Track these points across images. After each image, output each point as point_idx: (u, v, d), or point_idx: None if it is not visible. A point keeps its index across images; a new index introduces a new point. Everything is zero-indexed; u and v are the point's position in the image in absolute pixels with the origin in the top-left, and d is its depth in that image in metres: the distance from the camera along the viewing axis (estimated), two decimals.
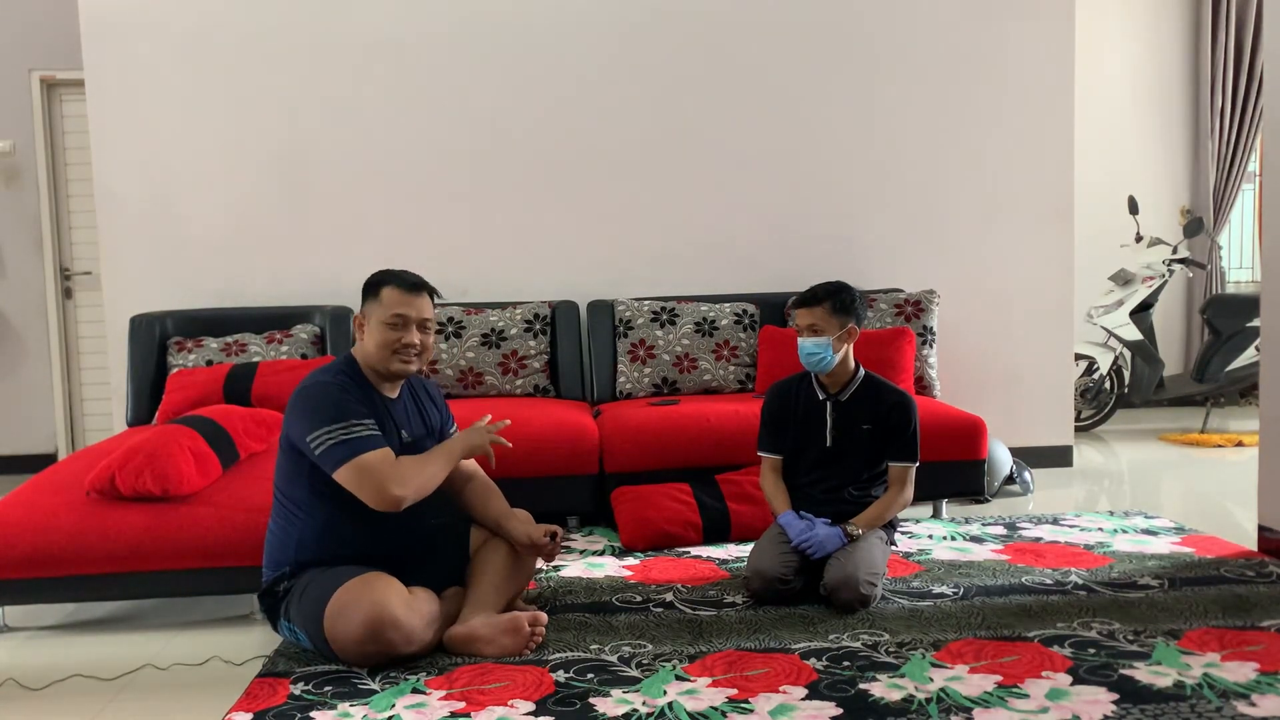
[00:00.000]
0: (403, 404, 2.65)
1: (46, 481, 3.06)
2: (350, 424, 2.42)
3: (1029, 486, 4.29)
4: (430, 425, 2.73)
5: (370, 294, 2.59)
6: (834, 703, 2.19)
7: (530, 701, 2.23)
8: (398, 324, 2.55)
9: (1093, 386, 5.79)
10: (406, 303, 2.56)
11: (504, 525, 2.70)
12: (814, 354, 2.97)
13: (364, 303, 2.60)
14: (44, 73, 5.37)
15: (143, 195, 4.53)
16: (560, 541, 2.74)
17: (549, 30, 4.61)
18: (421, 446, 2.65)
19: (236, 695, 2.34)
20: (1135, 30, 6.52)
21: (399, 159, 4.60)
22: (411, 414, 2.67)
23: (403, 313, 2.55)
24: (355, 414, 2.44)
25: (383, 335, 2.54)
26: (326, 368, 2.59)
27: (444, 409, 2.82)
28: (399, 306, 2.55)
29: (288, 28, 4.54)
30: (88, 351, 5.53)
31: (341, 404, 2.45)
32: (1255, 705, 2.13)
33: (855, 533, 2.89)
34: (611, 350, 4.44)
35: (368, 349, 2.57)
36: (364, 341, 2.58)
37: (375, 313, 2.56)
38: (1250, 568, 3.11)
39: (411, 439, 2.62)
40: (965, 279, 4.74)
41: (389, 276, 2.60)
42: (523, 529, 2.69)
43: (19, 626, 2.93)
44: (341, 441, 2.41)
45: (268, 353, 4.15)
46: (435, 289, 2.65)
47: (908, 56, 4.70)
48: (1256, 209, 6.60)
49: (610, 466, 3.75)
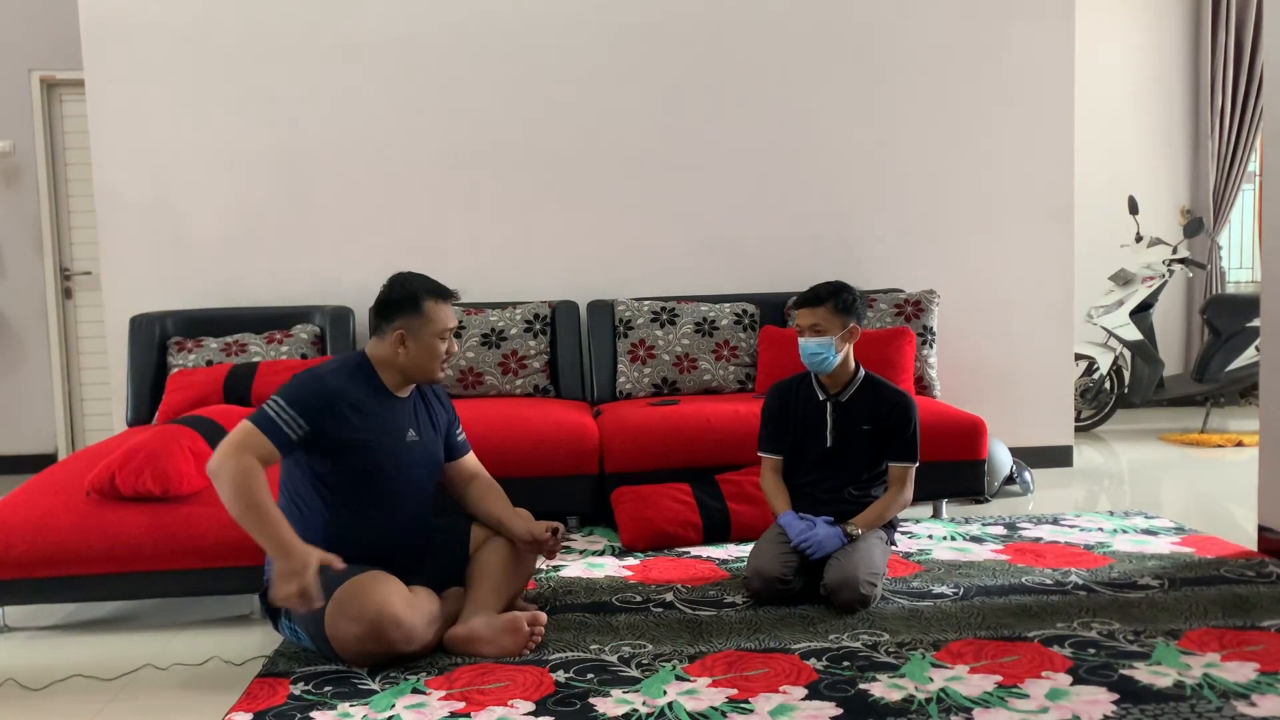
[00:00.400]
0: (412, 404, 2.66)
1: (46, 481, 3.06)
2: (292, 414, 2.40)
3: (1029, 486, 4.29)
4: (438, 426, 2.73)
5: (409, 308, 2.54)
6: (834, 703, 2.19)
7: (530, 701, 2.23)
8: (448, 337, 2.59)
9: (1093, 386, 5.79)
10: (450, 315, 2.60)
11: (505, 523, 2.70)
12: (816, 354, 2.97)
13: (398, 315, 2.54)
14: (44, 73, 5.37)
15: (143, 195, 4.53)
16: (561, 538, 2.74)
17: (549, 30, 4.61)
18: (430, 446, 2.67)
19: (236, 695, 2.34)
20: (1135, 30, 6.52)
21: (399, 159, 4.60)
22: (420, 414, 2.67)
23: (452, 326, 2.60)
24: (304, 413, 2.41)
25: (436, 348, 2.56)
26: (338, 367, 2.57)
27: (451, 411, 2.82)
28: (449, 321, 2.59)
29: (287, 28, 4.54)
30: (88, 351, 5.53)
31: (309, 401, 2.43)
32: (1255, 705, 2.13)
33: (855, 533, 2.89)
34: (611, 350, 4.44)
35: (416, 362, 2.56)
36: (405, 353, 2.54)
37: (422, 327, 2.54)
38: (1250, 568, 3.11)
39: (418, 438, 2.63)
40: (965, 279, 4.74)
41: (425, 288, 2.58)
42: (524, 525, 2.69)
43: (19, 626, 2.93)
44: (268, 415, 2.39)
45: (268, 353, 4.15)
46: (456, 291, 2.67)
47: (908, 57, 4.70)
48: (1256, 209, 6.60)
49: (610, 466, 3.74)
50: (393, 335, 2.55)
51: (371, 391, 2.56)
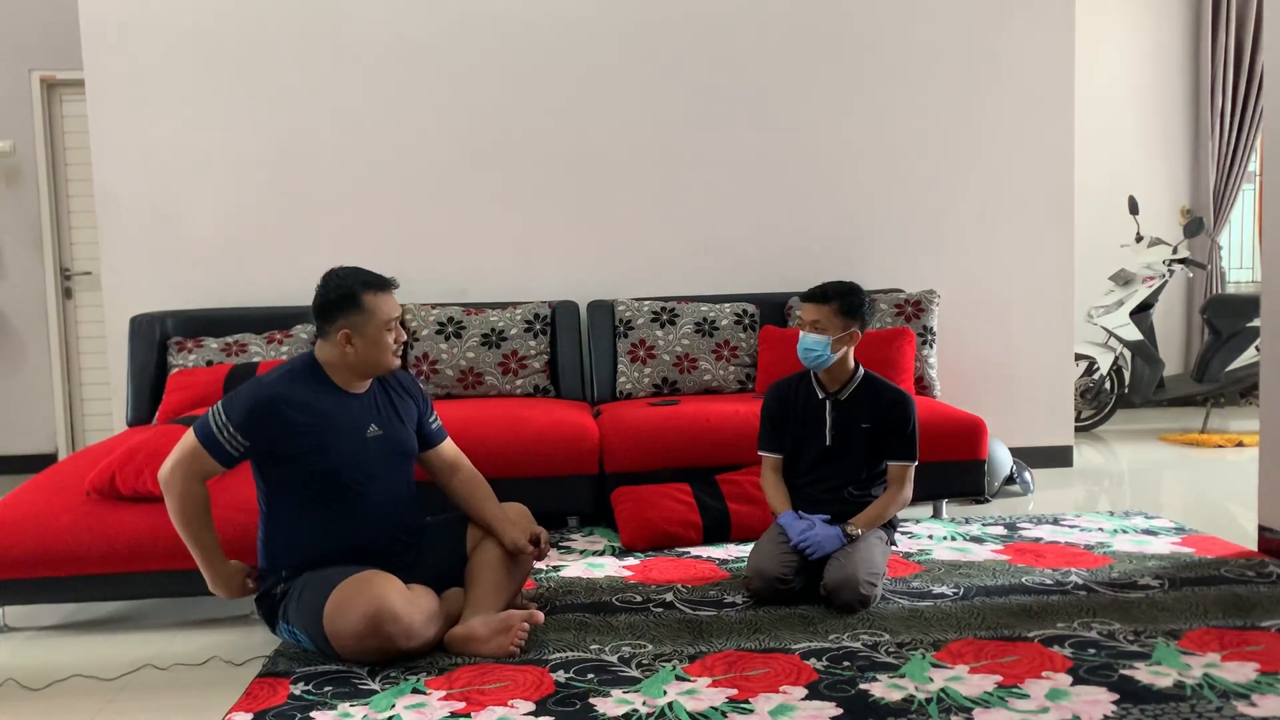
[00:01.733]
0: (371, 398, 2.62)
1: (46, 481, 3.06)
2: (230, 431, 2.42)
3: (1029, 486, 4.29)
4: (405, 416, 2.69)
5: (348, 305, 2.50)
6: (834, 703, 2.19)
7: (530, 701, 2.23)
8: (394, 326, 2.57)
9: (1093, 386, 5.79)
10: (394, 304, 2.58)
11: (494, 528, 2.69)
12: (811, 350, 2.97)
13: (339, 315, 2.51)
14: (44, 73, 5.37)
15: (143, 195, 4.53)
16: (546, 547, 2.72)
17: (549, 31, 4.61)
18: (396, 438, 2.63)
19: (236, 695, 2.34)
20: (1135, 30, 6.52)
21: (399, 159, 4.60)
22: (383, 406, 2.64)
23: (397, 315, 2.58)
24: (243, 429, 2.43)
25: (383, 340, 2.54)
26: (285, 373, 2.54)
27: (421, 400, 2.77)
28: (393, 310, 2.57)
29: (287, 28, 4.53)
30: (88, 351, 5.53)
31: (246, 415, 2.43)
32: (1255, 705, 2.13)
33: (855, 533, 2.89)
34: (611, 350, 4.44)
35: (365, 358, 2.54)
36: (353, 351, 2.52)
37: (365, 322, 2.51)
38: (1250, 568, 3.11)
39: (381, 431, 2.60)
40: (965, 279, 4.74)
41: (361, 282, 2.54)
42: (510, 536, 2.66)
43: (19, 626, 2.93)
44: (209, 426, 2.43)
45: (268, 353, 4.15)
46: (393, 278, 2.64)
47: (908, 57, 4.70)
48: (1256, 209, 6.60)
49: (610, 466, 3.74)
50: (337, 336, 2.51)
51: (322, 392, 2.53)
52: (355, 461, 2.54)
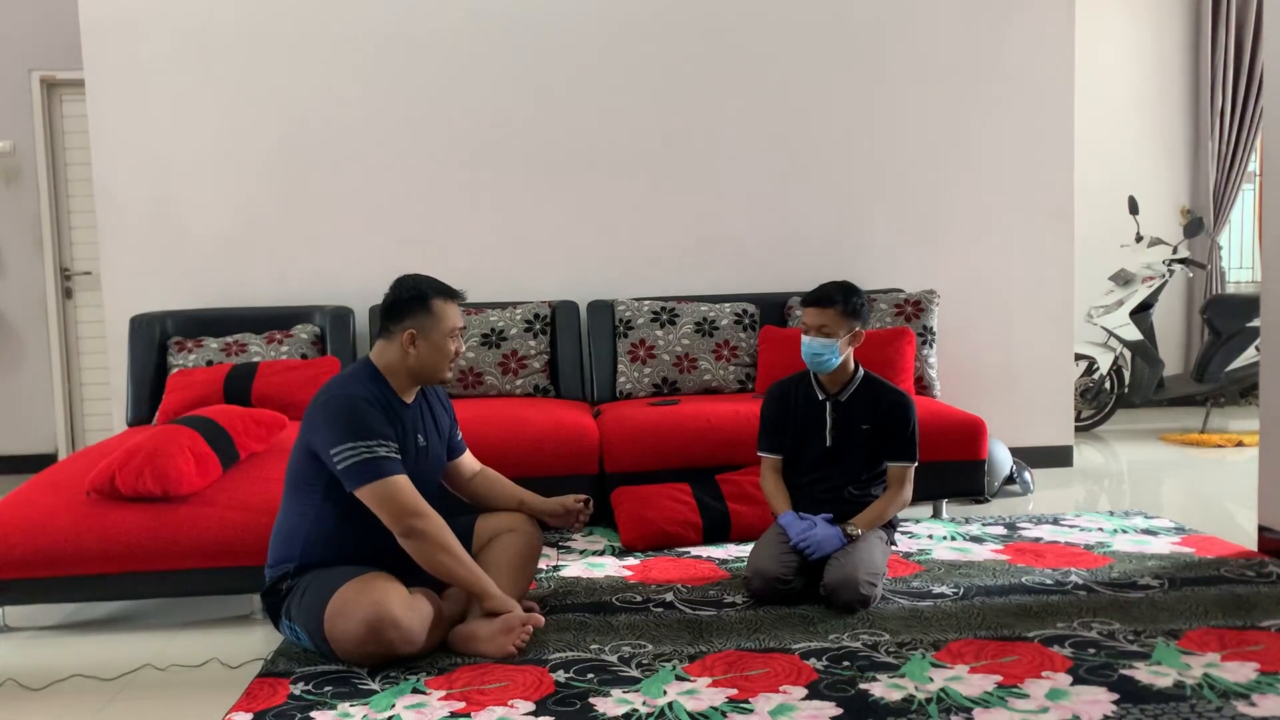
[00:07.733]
0: (417, 408, 2.66)
1: (46, 481, 3.06)
2: (374, 443, 2.43)
3: (1029, 486, 4.29)
4: (441, 429, 2.74)
5: (418, 307, 2.55)
6: (834, 703, 2.19)
7: (530, 701, 2.23)
8: (457, 337, 2.60)
9: (1093, 386, 5.79)
10: (458, 315, 2.62)
11: (528, 502, 2.77)
12: (819, 355, 2.97)
13: (407, 315, 2.55)
14: (44, 73, 5.37)
15: (143, 195, 4.53)
16: (590, 508, 2.81)
17: (548, 29, 4.61)
18: (435, 449, 2.68)
19: (236, 696, 2.34)
20: (1135, 30, 6.52)
21: (399, 158, 4.60)
22: (425, 419, 2.68)
23: (461, 326, 2.62)
24: (379, 433, 2.44)
25: (446, 347, 2.58)
26: (351, 378, 2.56)
27: (451, 414, 2.83)
28: (458, 320, 2.61)
29: (287, 27, 4.53)
30: (88, 351, 5.53)
31: (367, 421, 2.44)
32: (1255, 705, 2.13)
33: (855, 533, 2.89)
34: (611, 350, 4.44)
35: (425, 361, 2.56)
36: (416, 353, 2.55)
37: (432, 326, 2.55)
38: (1250, 568, 3.11)
39: (426, 442, 2.64)
40: (965, 279, 4.74)
41: (433, 288, 2.59)
42: (553, 501, 2.76)
43: (19, 626, 2.93)
44: (365, 460, 2.41)
45: (268, 353, 4.15)
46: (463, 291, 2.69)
47: (908, 56, 4.70)
48: (1256, 209, 6.60)
49: (610, 466, 3.74)
50: (403, 335, 2.55)
51: (385, 402, 2.55)
52: (414, 470, 2.55)
